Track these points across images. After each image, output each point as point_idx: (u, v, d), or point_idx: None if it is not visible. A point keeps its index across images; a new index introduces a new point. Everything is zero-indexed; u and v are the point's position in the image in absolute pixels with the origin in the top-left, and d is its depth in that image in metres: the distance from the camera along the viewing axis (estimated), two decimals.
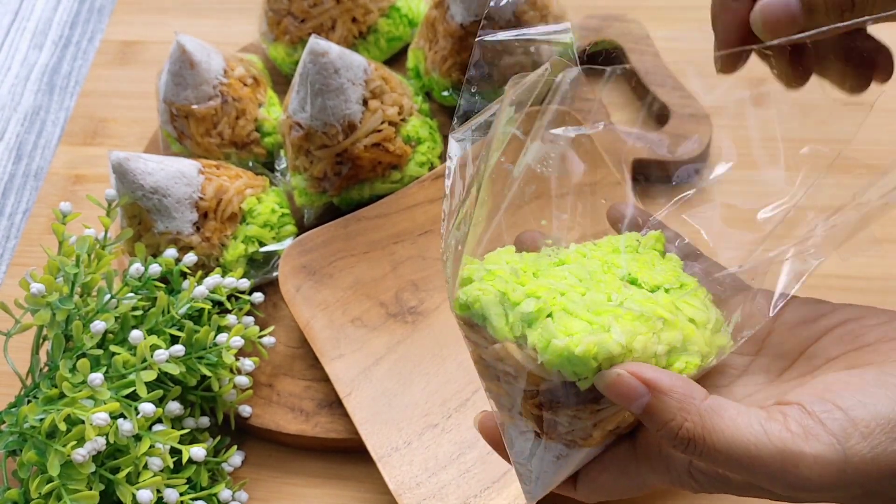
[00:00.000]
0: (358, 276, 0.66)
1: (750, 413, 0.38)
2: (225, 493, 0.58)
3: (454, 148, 0.45)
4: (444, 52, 0.71)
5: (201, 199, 0.64)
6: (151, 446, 0.54)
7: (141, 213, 0.63)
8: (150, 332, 0.59)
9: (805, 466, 0.36)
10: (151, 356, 0.56)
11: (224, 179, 0.65)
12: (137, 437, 0.55)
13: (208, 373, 0.58)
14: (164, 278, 0.62)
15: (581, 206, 0.48)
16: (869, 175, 0.60)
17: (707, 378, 0.43)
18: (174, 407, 0.58)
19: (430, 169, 0.69)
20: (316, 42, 0.63)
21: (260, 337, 0.62)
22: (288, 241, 0.67)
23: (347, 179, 0.67)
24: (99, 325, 0.57)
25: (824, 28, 0.40)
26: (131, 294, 0.60)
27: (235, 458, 0.61)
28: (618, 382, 0.38)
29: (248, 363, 0.61)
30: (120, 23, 0.90)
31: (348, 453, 0.62)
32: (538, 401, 0.40)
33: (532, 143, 0.46)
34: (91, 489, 0.53)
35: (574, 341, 0.38)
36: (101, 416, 0.52)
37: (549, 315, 0.39)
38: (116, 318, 0.59)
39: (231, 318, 0.61)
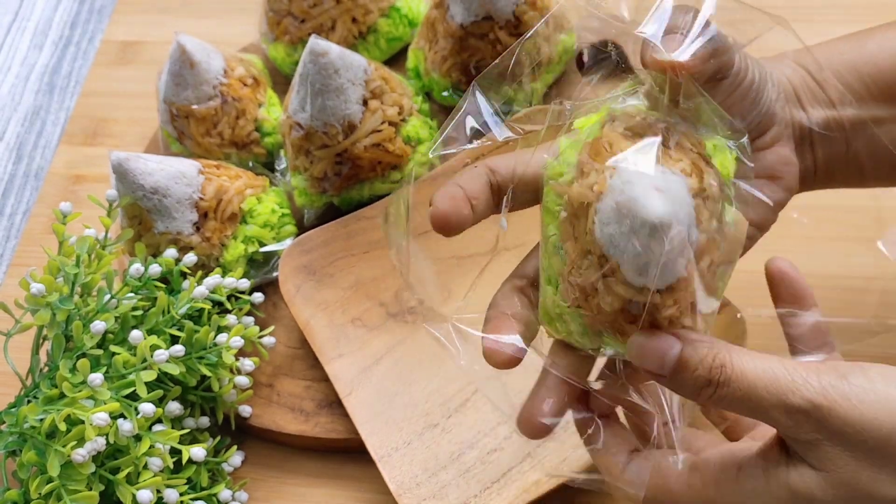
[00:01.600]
0: (358, 276, 0.66)
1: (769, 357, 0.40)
2: (225, 493, 0.58)
3: None
4: (444, 52, 0.71)
5: (201, 199, 0.64)
6: (151, 446, 0.54)
7: (141, 214, 0.63)
8: (150, 332, 0.59)
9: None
10: (151, 356, 0.56)
11: (224, 179, 0.65)
12: (137, 438, 0.55)
13: (208, 373, 0.58)
14: (164, 278, 0.62)
15: None
16: None
17: None
18: (174, 407, 0.58)
19: (431, 169, 0.69)
20: (316, 42, 0.63)
21: (260, 337, 0.62)
22: (288, 241, 0.67)
23: (347, 179, 0.67)
24: (99, 326, 0.57)
25: None
26: (131, 294, 0.60)
27: (235, 458, 0.61)
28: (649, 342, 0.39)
29: (248, 363, 0.61)
30: (120, 23, 0.90)
31: (348, 453, 0.62)
32: None
33: None
34: (91, 489, 0.53)
35: None
36: (101, 417, 0.52)
37: None
38: (116, 318, 0.59)
39: (231, 319, 0.61)
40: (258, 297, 0.64)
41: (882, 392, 0.38)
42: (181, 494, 0.55)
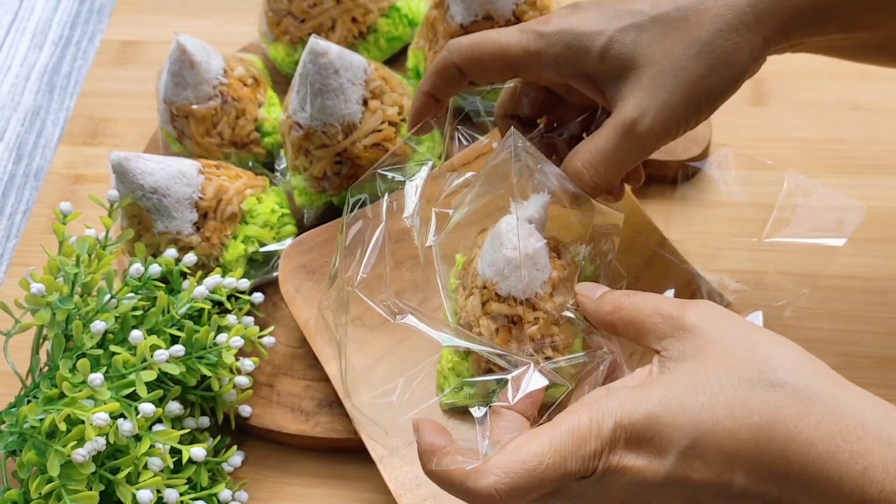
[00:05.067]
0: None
1: None
2: (225, 493, 0.58)
3: None
4: None
5: (201, 198, 0.64)
6: (151, 446, 0.54)
7: (141, 213, 0.63)
8: (150, 332, 0.59)
9: None
10: (151, 356, 0.56)
11: (224, 179, 0.65)
12: (137, 437, 0.55)
13: (208, 373, 0.58)
14: (164, 278, 0.62)
15: None
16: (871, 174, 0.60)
17: None
18: (174, 407, 0.58)
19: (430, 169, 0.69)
20: (316, 42, 0.63)
21: (260, 337, 0.62)
22: (288, 241, 0.67)
23: (347, 179, 0.67)
24: (99, 325, 0.57)
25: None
26: (131, 294, 0.60)
27: (235, 458, 0.61)
28: None
29: (248, 363, 0.61)
30: (120, 23, 0.90)
31: (348, 453, 0.62)
32: None
33: None
34: (91, 489, 0.53)
35: None
36: (101, 416, 0.52)
37: None
38: (116, 318, 0.59)
39: (231, 318, 0.61)
40: (258, 297, 0.64)
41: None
42: (181, 494, 0.55)
